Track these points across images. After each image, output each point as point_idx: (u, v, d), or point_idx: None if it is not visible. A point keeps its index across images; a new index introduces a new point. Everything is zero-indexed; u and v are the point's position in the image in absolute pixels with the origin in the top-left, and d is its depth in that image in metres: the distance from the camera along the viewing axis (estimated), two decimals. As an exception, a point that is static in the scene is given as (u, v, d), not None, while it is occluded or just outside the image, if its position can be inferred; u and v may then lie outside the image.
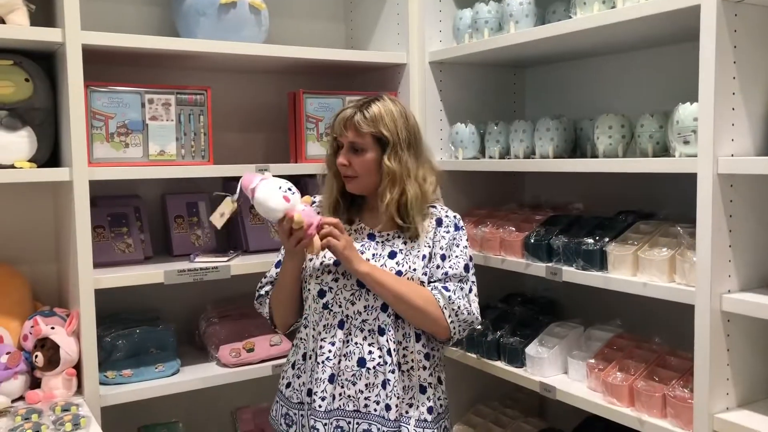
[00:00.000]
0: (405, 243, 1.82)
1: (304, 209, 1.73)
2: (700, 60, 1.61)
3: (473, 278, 1.87)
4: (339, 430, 1.75)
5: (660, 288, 1.77)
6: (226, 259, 2.33)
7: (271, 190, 1.75)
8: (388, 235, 1.84)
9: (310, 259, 1.85)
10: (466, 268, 1.85)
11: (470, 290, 1.85)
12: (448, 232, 1.86)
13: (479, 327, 1.87)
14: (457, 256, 1.85)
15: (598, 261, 1.95)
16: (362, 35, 2.81)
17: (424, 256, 1.81)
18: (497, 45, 2.25)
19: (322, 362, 1.76)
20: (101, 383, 2.10)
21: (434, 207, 1.90)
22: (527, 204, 2.63)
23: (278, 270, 1.90)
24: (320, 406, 1.75)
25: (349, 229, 1.87)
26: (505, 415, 2.58)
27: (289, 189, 1.76)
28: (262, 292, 1.96)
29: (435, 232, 1.85)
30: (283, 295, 1.87)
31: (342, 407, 1.76)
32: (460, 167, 2.49)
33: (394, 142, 1.80)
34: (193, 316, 2.56)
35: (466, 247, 1.88)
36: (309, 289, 1.83)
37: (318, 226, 1.73)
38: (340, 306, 1.78)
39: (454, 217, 1.92)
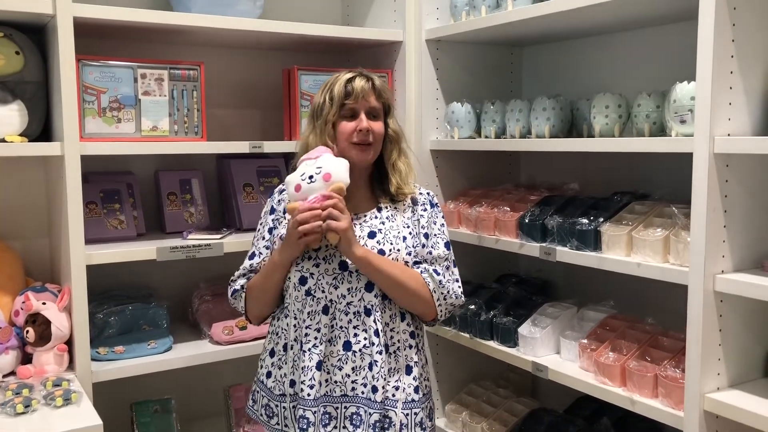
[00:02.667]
0: (383, 223, 1.81)
1: (312, 198, 1.66)
2: (698, 38, 1.59)
3: (452, 255, 1.88)
4: (327, 416, 1.73)
5: (654, 268, 1.77)
6: (219, 236, 2.32)
7: (292, 177, 1.71)
8: (365, 216, 1.82)
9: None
10: (447, 245, 1.86)
11: (455, 268, 1.87)
12: (425, 210, 1.87)
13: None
14: (436, 235, 1.85)
15: (593, 241, 1.95)
16: (358, 12, 2.78)
17: (404, 237, 1.80)
18: (494, 23, 2.22)
19: (309, 350, 1.73)
20: (93, 359, 2.09)
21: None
22: (522, 184, 2.62)
23: (252, 262, 1.85)
24: (309, 395, 1.71)
25: None
26: (498, 394, 2.59)
27: (311, 177, 1.67)
28: (237, 286, 1.86)
29: (412, 211, 1.85)
30: (269, 287, 1.79)
31: (329, 393, 1.73)
32: (455, 147, 2.47)
33: (393, 110, 1.87)
34: (185, 294, 2.56)
35: (443, 224, 1.89)
36: (289, 278, 1.78)
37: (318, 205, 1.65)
38: (323, 291, 1.74)
39: (428, 194, 1.92)
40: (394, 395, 1.75)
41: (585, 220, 1.99)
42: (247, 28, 2.25)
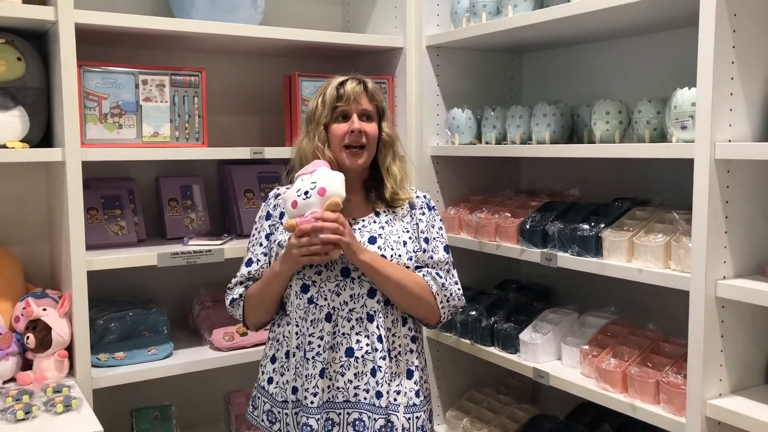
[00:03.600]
0: (383, 228, 1.80)
1: (308, 216, 1.64)
2: (699, 44, 1.60)
3: (451, 257, 1.88)
4: (329, 422, 1.72)
5: (655, 274, 1.77)
6: (219, 242, 2.32)
7: (289, 193, 1.69)
8: (363, 221, 1.82)
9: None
10: (446, 249, 1.87)
11: (454, 270, 1.87)
12: (423, 214, 1.87)
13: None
14: (435, 239, 1.86)
15: (594, 247, 1.94)
16: (359, 18, 2.79)
17: (405, 243, 1.80)
18: (495, 29, 2.23)
19: (312, 358, 1.72)
20: (93, 365, 2.09)
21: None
22: (523, 190, 2.62)
23: (249, 269, 1.83)
24: (312, 402, 1.71)
25: None
26: (499, 401, 2.58)
27: (306, 193, 1.66)
28: (236, 295, 1.84)
29: (411, 216, 1.86)
30: (268, 296, 1.78)
31: (332, 399, 1.73)
32: (456, 152, 2.47)
33: (387, 114, 1.87)
34: (186, 300, 2.56)
35: (441, 227, 1.90)
36: (290, 285, 1.77)
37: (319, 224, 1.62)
38: (325, 299, 1.74)
39: (424, 197, 1.92)
40: (395, 400, 1.75)
41: (586, 226, 1.99)
42: (248, 34, 2.26)
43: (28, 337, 1.99)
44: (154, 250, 2.20)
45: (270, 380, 1.83)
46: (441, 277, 1.80)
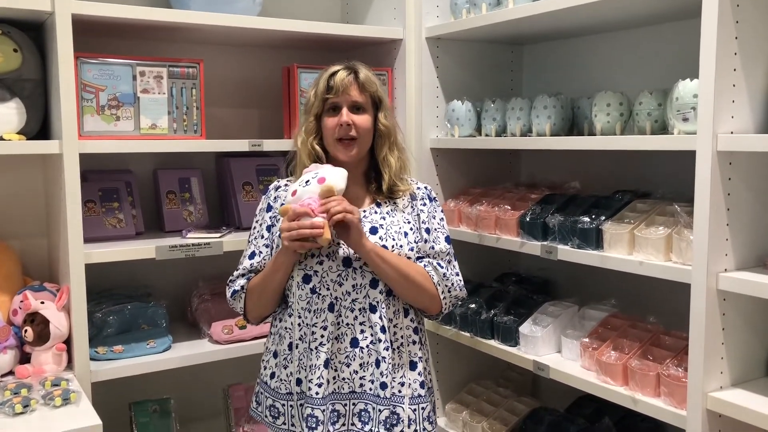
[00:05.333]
0: (384, 218, 1.80)
1: (305, 201, 1.64)
2: (702, 35, 1.59)
3: (452, 248, 1.87)
4: (335, 413, 1.72)
5: (656, 267, 1.76)
6: (218, 235, 2.31)
7: (293, 185, 1.72)
8: (364, 211, 1.81)
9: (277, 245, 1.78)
10: (447, 239, 1.86)
11: (455, 262, 1.87)
12: (425, 204, 1.87)
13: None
14: (436, 229, 1.85)
15: (594, 240, 1.94)
16: (358, 10, 2.77)
17: (406, 233, 1.79)
18: (495, 20, 2.21)
19: (316, 348, 1.72)
20: (92, 359, 2.08)
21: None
22: (523, 183, 2.61)
23: (252, 261, 1.82)
24: (317, 393, 1.71)
25: None
26: (498, 394, 2.58)
27: (307, 182, 1.68)
28: (237, 287, 1.82)
29: (412, 207, 1.85)
30: (271, 289, 1.77)
31: (337, 390, 1.73)
32: (456, 145, 2.46)
33: (385, 104, 1.84)
34: (185, 293, 2.55)
35: (442, 218, 1.89)
36: (292, 276, 1.76)
37: (324, 211, 1.63)
38: (327, 289, 1.73)
39: (426, 188, 1.91)
40: (400, 391, 1.75)
41: (586, 219, 1.98)
42: (246, 25, 2.24)
43: (26, 331, 1.98)
44: (153, 243, 2.19)
45: (272, 375, 1.82)
46: (442, 267, 1.80)
